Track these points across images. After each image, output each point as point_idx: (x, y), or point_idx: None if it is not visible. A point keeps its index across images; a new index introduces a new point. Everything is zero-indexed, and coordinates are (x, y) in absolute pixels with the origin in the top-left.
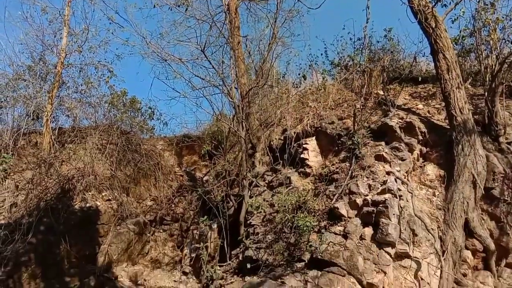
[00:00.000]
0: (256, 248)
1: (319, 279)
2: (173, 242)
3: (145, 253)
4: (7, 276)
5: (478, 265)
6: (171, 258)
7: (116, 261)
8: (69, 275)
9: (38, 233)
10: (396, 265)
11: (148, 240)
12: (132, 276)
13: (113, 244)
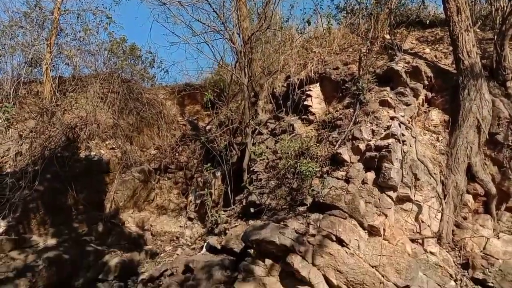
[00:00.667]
0: (259, 193)
1: (321, 221)
2: (178, 189)
3: (150, 200)
4: (16, 222)
5: (478, 208)
6: (176, 205)
7: (122, 207)
8: (77, 221)
9: (44, 181)
10: (397, 209)
11: (153, 187)
12: (138, 222)
13: (119, 191)
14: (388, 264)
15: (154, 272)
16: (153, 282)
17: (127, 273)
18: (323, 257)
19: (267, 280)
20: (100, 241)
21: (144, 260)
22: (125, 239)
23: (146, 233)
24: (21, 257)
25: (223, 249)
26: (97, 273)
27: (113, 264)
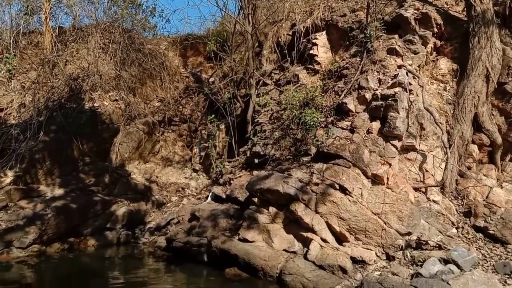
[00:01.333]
0: (264, 144)
1: (325, 171)
2: (183, 142)
3: (155, 152)
4: (23, 172)
5: (483, 159)
6: (181, 157)
7: (128, 159)
8: (83, 172)
9: (49, 132)
10: (401, 158)
11: (158, 140)
12: (144, 173)
13: (123, 143)
14: (391, 212)
15: (161, 221)
16: (160, 230)
17: (134, 222)
18: (326, 205)
19: (271, 227)
20: (106, 192)
21: (151, 210)
22: (131, 190)
23: (152, 184)
24: (29, 206)
25: (228, 198)
26: (105, 222)
27: (121, 213)
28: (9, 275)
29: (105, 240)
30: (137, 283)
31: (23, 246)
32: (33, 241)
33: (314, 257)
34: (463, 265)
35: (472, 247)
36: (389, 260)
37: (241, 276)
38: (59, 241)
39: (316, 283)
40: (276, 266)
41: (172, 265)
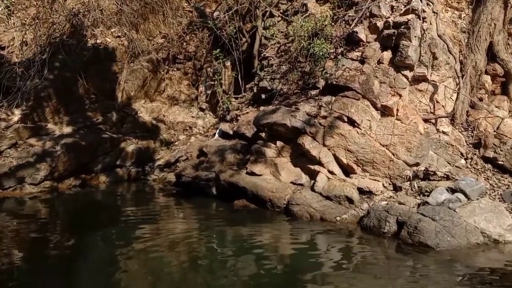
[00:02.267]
0: (271, 79)
1: (333, 103)
2: (188, 80)
3: (161, 91)
4: (30, 110)
5: (495, 90)
6: (187, 96)
7: (134, 97)
8: (90, 110)
9: (53, 69)
10: (412, 89)
11: (163, 78)
12: (151, 112)
13: (128, 81)
14: (399, 143)
15: (169, 158)
16: (169, 167)
17: (143, 159)
18: (333, 138)
19: (278, 160)
20: (114, 130)
21: (159, 148)
22: (139, 128)
23: (159, 123)
24: (39, 143)
25: (235, 135)
26: (115, 159)
27: (130, 151)
28: (23, 210)
29: (116, 177)
30: (149, 216)
31: (35, 182)
32: (45, 178)
33: (321, 189)
34: (470, 194)
35: (480, 177)
36: (396, 191)
37: (249, 207)
38: (71, 177)
39: (322, 213)
40: (284, 197)
41: (182, 199)
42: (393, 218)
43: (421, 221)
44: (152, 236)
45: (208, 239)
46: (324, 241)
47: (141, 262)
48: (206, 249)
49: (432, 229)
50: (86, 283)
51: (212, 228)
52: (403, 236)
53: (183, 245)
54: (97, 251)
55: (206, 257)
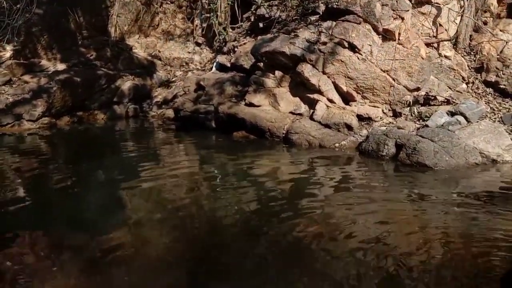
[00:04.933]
0: (269, 6)
1: (334, 28)
2: (183, 14)
3: (155, 25)
4: (22, 46)
5: (501, 13)
6: (183, 30)
7: (127, 32)
8: (83, 46)
9: (42, 4)
10: (414, 12)
11: (157, 11)
12: (146, 47)
13: (121, 15)
14: (400, 68)
15: (167, 94)
16: (167, 104)
17: (141, 96)
18: (333, 65)
19: (277, 90)
20: (109, 66)
21: (156, 85)
22: (134, 65)
23: (155, 59)
24: (34, 80)
25: (233, 67)
26: (112, 96)
27: (126, 88)
28: (23, 146)
29: (114, 114)
30: (149, 150)
31: (32, 118)
32: (42, 114)
33: (320, 117)
34: (470, 116)
35: (482, 101)
36: (396, 117)
37: (248, 137)
38: (68, 114)
39: (321, 140)
40: (283, 127)
41: (182, 133)
42: (392, 141)
43: (420, 142)
44: (153, 168)
45: (209, 170)
46: (323, 166)
47: (144, 193)
48: (207, 179)
49: (430, 150)
50: (91, 215)
51: (213, 159)
52: (401, 158)
53: (184, 177)
54: (101, 184)
55: (208, 187)
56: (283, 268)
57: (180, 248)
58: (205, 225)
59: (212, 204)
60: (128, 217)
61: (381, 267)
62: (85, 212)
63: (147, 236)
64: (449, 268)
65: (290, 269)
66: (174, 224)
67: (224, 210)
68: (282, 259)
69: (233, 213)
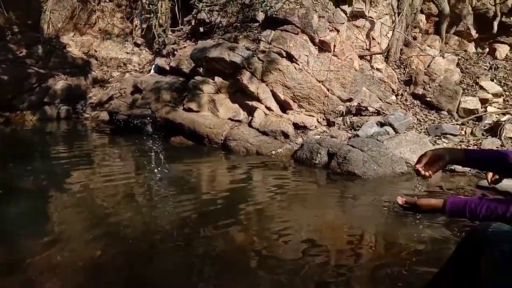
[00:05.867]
0: (209, 11)
1: (272, 38)
2: (122, 13)
3: (92, 24)
4: None
5: (429, 29)
6: (121, 30)
7: (61, 30)
8: (13, 42)
9: None
10: (350, 25)
11: (94, 9)
12: (81, 46)
13: (55, 11)
14: (335, 79)
15: (102, 96)
16: (102, 105)
17: (74, 97)
18: (272, 73)
19: (217, 96)
20: (41, 64)
21: (91, 85)
22: (68, 64)
23: (90, 58)
24: None
25: (172, 70)
26: (42, 96)
27: (58, 88)
28: None
29: (44, 115)
30: (82, 154)
31: None
32: None
33: (258, 125)
34: (398, 127)
35: (409, 113)
36: (330, 126)
37: (186, 143)
38: None
39: (259, 147)
40: (221, 133)
41: (117, 137)
42: (324, 150)
43: (350, 151)
44: (85, 175)
45: (145, 176)
46: (259, 173)
47: (74, 201)
48: (143, 186)
49: (360, 159)
50: (16, 219)
51: (149, 165)
52: (332, 166)
53: (119, 182)
54: (27, 191)
55: (143, 194)
56: (216, 274)
57: (109, 260)
58: (138, 234)
59: (147, 213)
60: (54, 226)
61: (313, 270)
62: (5, 223)
63: (74, 248)
64: (377, 271)
65: (222, 275)
66: (104, 235)
67: (159, 219)
68: (215, 266)
69: (169, 221)
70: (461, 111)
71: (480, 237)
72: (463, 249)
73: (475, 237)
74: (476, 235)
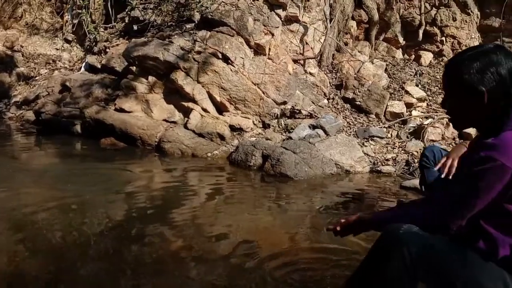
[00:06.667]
0: (143, 8)
1: (208, 39)
2: (51, 7)
3: (18, 17)
4: None
5: (360, 35)
6: (51, 25)
7: None
8: None
9: None
10: (284, 29)
11: (20, 2)
12: (5, 41)
13: None
14: (270, 82)
15: (28, 94)
16: (28, 104)
17: None
18: (208, 74)
19: (150, 97)
20: None
21: (16, 83)
22: None
23: (16, 54)
24: None
25: (104, 68)
26: None
27: None
28: None
29: None
30: (3, 157)
31: None
32: None
33: (194, 126)
34: (329, 130)
35: (340, 116)
36: (265, 128)
37: (117, 145)
38: None
39: (194, 149)
40: (155, 135)
41: (43, 138)
42: (259, 152)
43: (283, 153)
44: (8, 176)
45: (73, 179)
46: (194, 176)
47: None
48: (72, 190)
49: (292, 161)
50: None
51: (77, 168)
52: (266, 168)
53: (45, 185)
54: None
55: (72, 198)
56: (148, 280)
57: (32, 268)
58: (67, 240)
59: (73, 220)
60: None
61: (248, 273)
62: None
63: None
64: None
65: (155, 280)
66: (27, 241)
67: (88, 224)
68: (148, 271)
69: (99, 226)
70: (388, 115)
71: (390, 239)
72: (374, 251)
73: (386, 239)
74: (386, 237)
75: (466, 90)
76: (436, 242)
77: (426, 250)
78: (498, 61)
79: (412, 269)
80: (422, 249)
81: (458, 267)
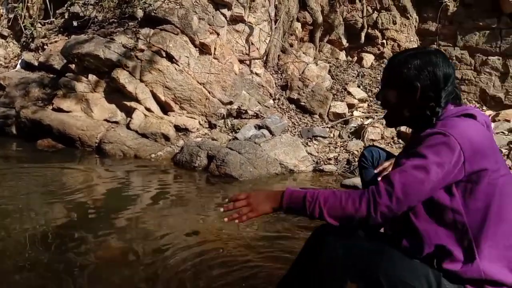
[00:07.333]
0: (84, 4)
1: (152, 37)
2: None
3: None
4: None
5: (304, 37)
6: None
7: None
8: None
9: None
10: (230, 29)
11: None
12: None
13: None
14: (215, 82)
15: None
16: None
17: None
18: (151, 73)
19: (91, 96)
20: None
21: None
22: None
23: None
24: None
25: (41, 66)
26: None
27: None
28: None
29: None
30: None
31: None
32: None
33: (137, 126)
34: (274, 130)
35: (285, 116)
36: (211, 128)
37: (55, 147)
38: None
39: (137, 150)
40: (96, 135)
41: None
42: (204, 153)
43: (228, 154)
44: None
45: (8, 183)
46: (137, 178)
47: None
48: (7, 194)
49: (237, 161)
50: None
51: (12, 171)
52: (211, 169)
53: None
54: None
55: (7, 204)
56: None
57: None
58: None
59: (5, 227)
60: None
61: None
62: None
63: None
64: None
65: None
66: None
67: (20, 233)
68: (89, 277)
69: (37, 232)
70: (331, 115)
71: (323, 233)
72: (308, 244)
73: (319, 233)
74: (320, 231)
75: (402, 83)
76: (363, 242)
77: (354, 249)
78: (436, 63)
79: (340, 268)
80: (351, 249)
81: (384, 266)
